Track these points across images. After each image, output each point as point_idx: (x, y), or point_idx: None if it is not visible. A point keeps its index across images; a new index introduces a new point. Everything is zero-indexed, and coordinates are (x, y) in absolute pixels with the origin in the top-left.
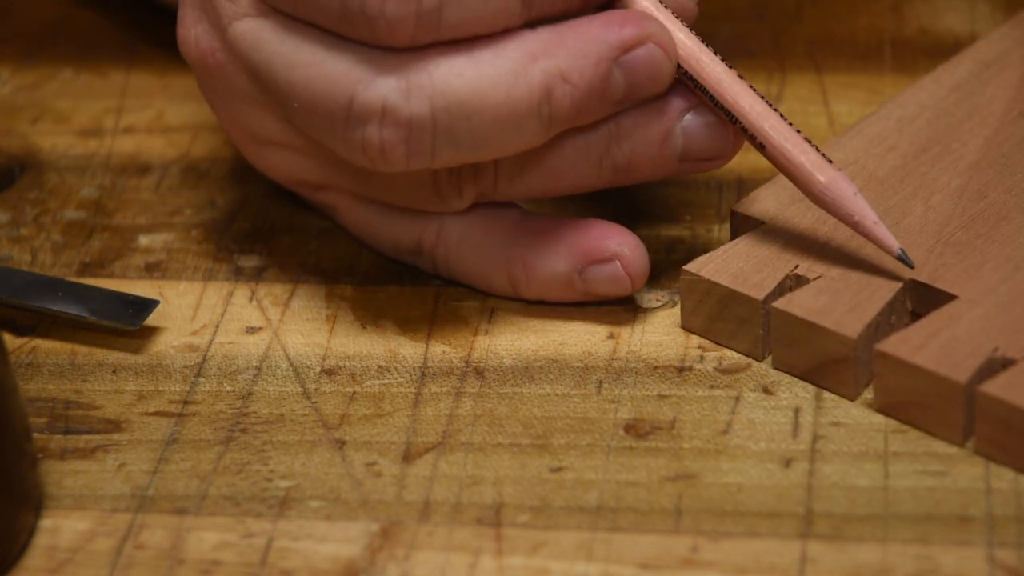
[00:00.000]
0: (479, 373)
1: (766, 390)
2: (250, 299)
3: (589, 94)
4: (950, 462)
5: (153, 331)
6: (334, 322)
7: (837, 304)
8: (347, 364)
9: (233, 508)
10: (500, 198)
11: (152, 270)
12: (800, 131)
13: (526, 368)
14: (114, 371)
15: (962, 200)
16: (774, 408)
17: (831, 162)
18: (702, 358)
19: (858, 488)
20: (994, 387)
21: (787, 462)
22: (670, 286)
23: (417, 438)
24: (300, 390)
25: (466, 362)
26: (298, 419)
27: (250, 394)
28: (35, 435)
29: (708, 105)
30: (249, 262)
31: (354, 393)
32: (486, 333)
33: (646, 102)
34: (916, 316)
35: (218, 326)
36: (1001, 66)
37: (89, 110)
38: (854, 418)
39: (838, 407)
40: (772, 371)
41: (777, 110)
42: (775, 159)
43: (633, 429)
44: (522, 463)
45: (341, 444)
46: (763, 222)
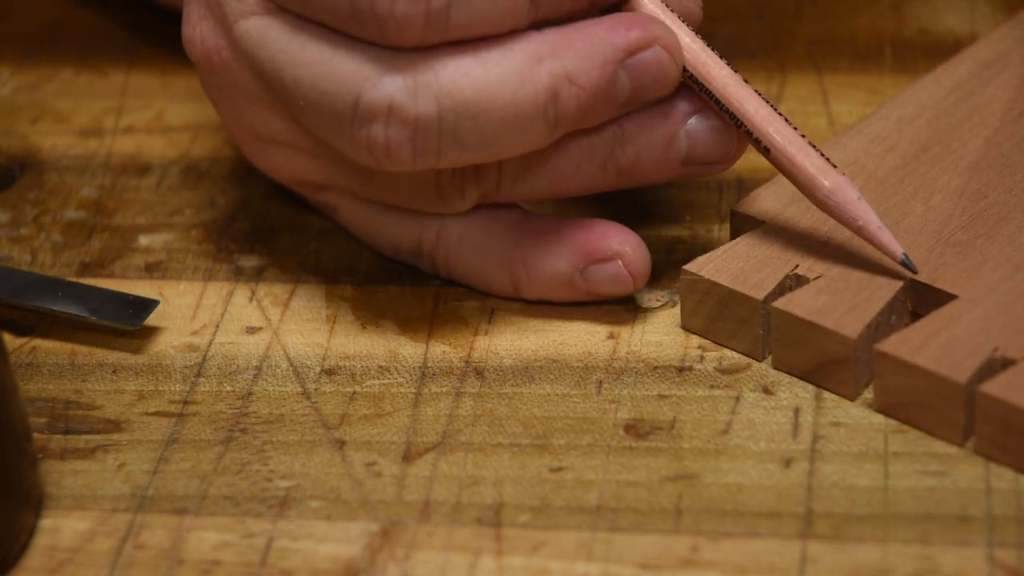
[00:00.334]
0: (479, 373)
1: (766, 390)
2: (250, 299)
3: (595, 96)
4: (950, 462)
5: (153, 331)
6: (334, 322)
7: (837, 304)
8: (347, 364)
9: (233, 508)
10: (503, 199)
11: (152, 270)
12: (804, 135)
13: (526, 368)
14: (114, 371)
15: (962, 200)
16: (774, 408)
17: (835, 167)
18: (702, 358)
19: (858, 488)
20: (994, 387)
21: (787, 462)
22: (670, 286)
23: (417, 438)
24: (300, 390)
25: (466, 362)
26: (298, 419)
27: (250, 394)
28: (35, 435)
29: (713, 109)
30: (249, 262)
31: (354, 393)
32: (486, 333)
33: (651, 105)
34: (916, 316)
35: (218, 326)
36: (1001, 66)
37: (89, 110)
38: (854, 418)
39: (838, 407)
40: (772, 371)
41: (782, 114)
42: (779, 163)
43: (633, 429)
44: (522, 463)
45: (341, 444)
46: (763, 222)
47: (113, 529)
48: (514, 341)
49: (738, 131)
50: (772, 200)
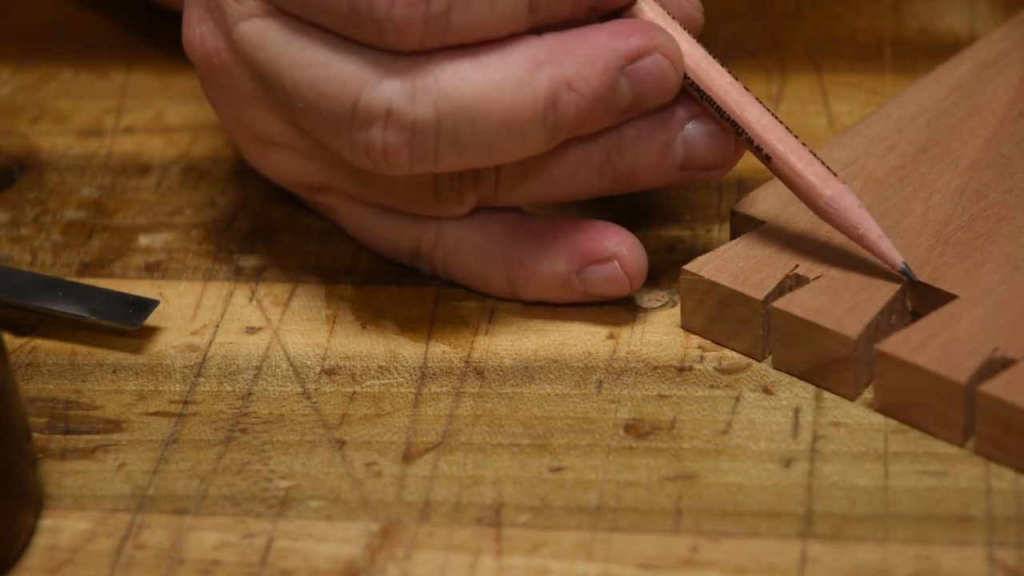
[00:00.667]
0: (479, 373)
1: (766, 390)
2: (250, 299)
3: (595, 103)
4: (950, 462)
5: (153, 331)
6: (334, 322)
7: (837, 304)
8: (347, 364)
9: (233, 508)
10: (500, 204)
11: (152, 270)
12: (805, 144)
13: (526, 368)
14: (114, 371)
15: (962, 200)
16: (774, 408)
17: (836, 175)
18: (702, 358)
19: (858, 488)
20: (994, 387)
21: (787, 462)
22: (670, 286)
23: (417, 438)
24: (300, 390)
25: (466, 362)
26: (298, 419)
27: (250, 394)
28: (35, 435)
29: (711, 115)
30: (249, 262)
31: (354, 393)
32: (486, 333)
33: (649, 112)
34: (916, 316)
35: (218, 326)
36: (1001, 66)
37: (89, 110)
38: (854, 418)
39: (838, 407)
40: (772, 371)
41: (783, 123)
42: (780, 171)
43: (633, 429)
44: (522, 463)
45: (341, 444)
46: (763, 222)
47: (113, 529)
48: (514, 341)
49: (735, 136)
50: (772, 200)
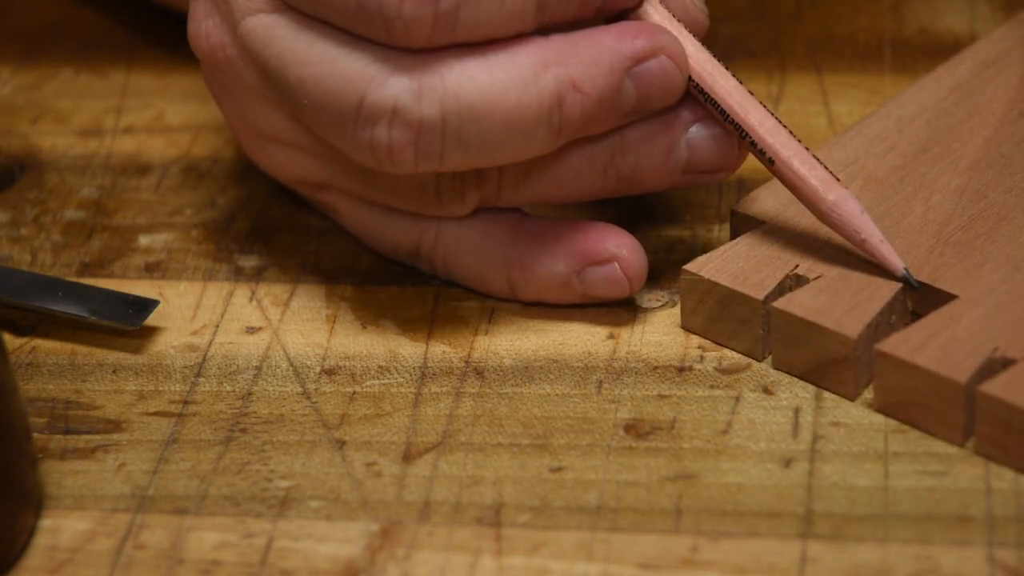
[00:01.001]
0: (479, 373)
1: (766, 390)
2: (250, 299)
3: (600, 104)
4: (950, 462)
5: (153, 331)
6: (334, 322)
7: (837, 304)
8: (347, 364)
9: (233, 508)
10: (503, 204)
11: (152, 270)
12: (808, 148)
13: (526, 368)
14: (114, 371)
15: (962, 200)
16: (774, 408)
17: (839, 180)
18: (702, 358)
19: (858, 488)
20: (994, 387)
21: (787, 462)
22: (670, 286)
23: (417, 438)
24: (300, 390)
25: (466, 362)
26: (298, 419)
27: (250, 394)
28: (35, 435)
29: (716, 118)
30: (249, 262)
31: (354, 393)
32: (486, 333)
33: (654, 114)
34: (916, 316)
35: (218, 326)
36: (1001, 66)
37: (89, 110)
38: (854, 418)
39: (838, 407)
40: (772, 371)
41: (786, 127)
42: (783, 175)
43: (633, 429)
44: (522, 463)
45: (341, 444)
46: (763, 222)
47: (113, 529)
48: (514, 341)
49: (739, 140)
50: (772, 200)
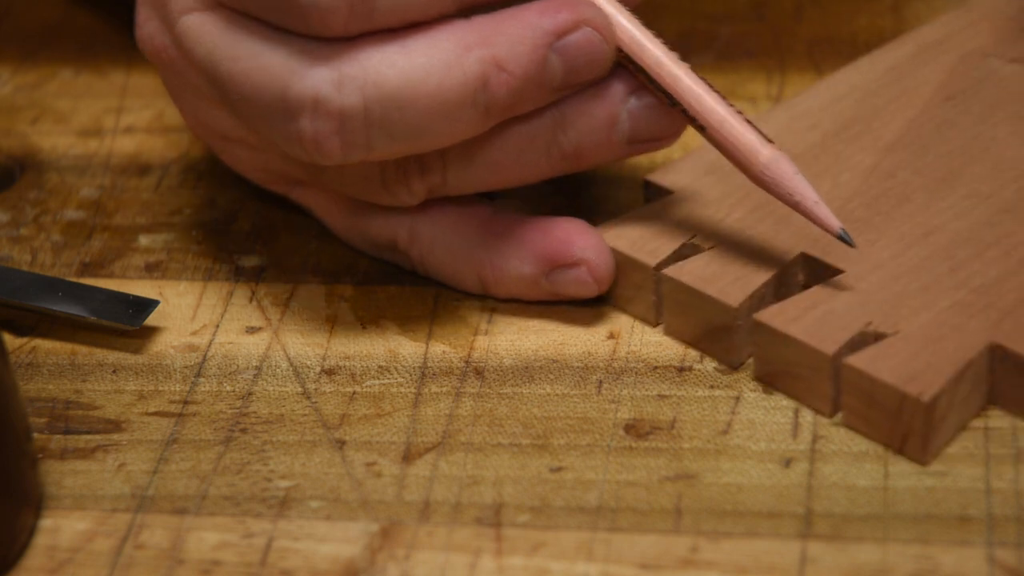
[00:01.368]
0: (479, 373)
1: (766, 390)
2: (250, 299)
3: (526, 81)
4: (950, 462)
5: (153, 331)
6: (334, 322)
7: (725, 274)
8: (347, 364)
9: (233, 508)
10: (452, 192)
11: (152, 270)
12: (741, 112)
13: (526, 368)
14: (114, 371)
15: (870, 179)
16: (774, 408)
17: (772, 142)
18: (702, 358)
19: (858, 488)
20: (859, 360)
21: (787, 462)
22: None
23: (417, 438)
24: (300, 390)
25: (466, 362)
26: (298, 419)
27: (250, 394)
28: (35, 435)
29: (646, 87)
30: (249, 262)
31: (354, 393)
32: (486, 333)
33: (589, 88)
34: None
35: (218, 326)
36: (940, 50)
37: (89, 110)
38: None
39: None
40: None
41: (718, 91)
42: (715, 140)
43: (633, 429)
44: (522, 463)
45: (341, 444)
46: (673, 192)
47: (113, 529)
48: (514, 341)
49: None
50: (686, 171)
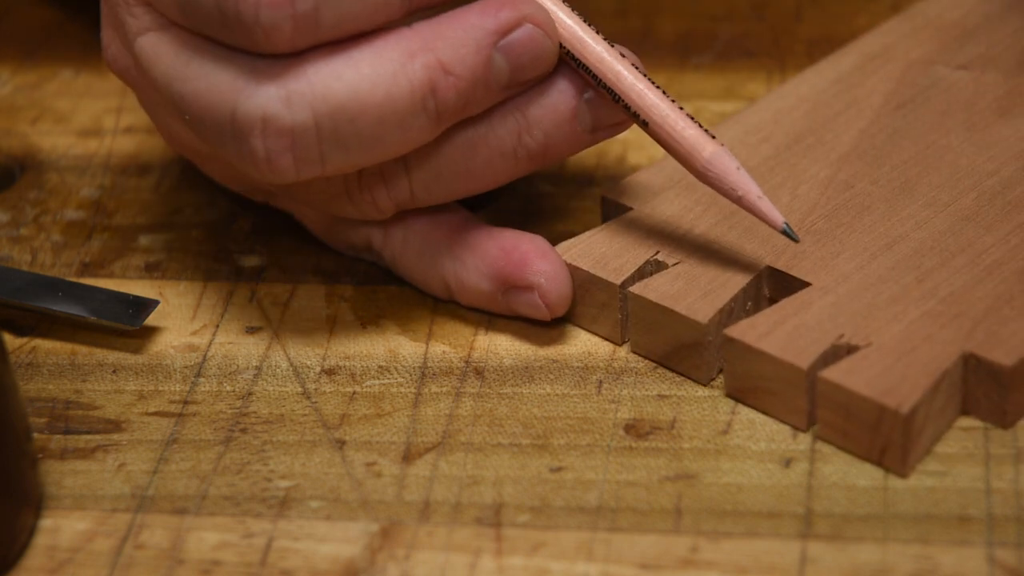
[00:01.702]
0: (479, 373)
1: None
2: (250, 299)
3: (473, 83)
4: (950, 462)
5: (153, 331)
6: (334, 322)
7: (692, 290)
8: (347, 364)
9: (233, 508)
10: (421, 205)
11: (152, 270)
12: (683, 108)
13: (526, 368)
14: (114, 371)
15: (828, 190)
16: None
17: (714, 137)
18: None
19: (858, 488)
20: (834, 373)
21: (787, 462)
22: None
23: (417, 438)
24: (300, 390)
25: (466, 362)
26: (298, 419)
27: (250, 394)
28: (35, 435)
29: (590, 84)
30: (249, 262)
31: (354, 393)
32: (486, 333)
33: (543, 85)
34: (773, 303)
35: (218, 326)
36: (885, 59)
37: (89, 110)
38: None
39: None
40: None
41: (659, 87)
42: (658, 136)
43: (633, 429)
44: (522, 463)
45: (341, 444)
46: (632, 208)
47: (113, 529)
48: (514, 341)
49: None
50: (643, 187)
